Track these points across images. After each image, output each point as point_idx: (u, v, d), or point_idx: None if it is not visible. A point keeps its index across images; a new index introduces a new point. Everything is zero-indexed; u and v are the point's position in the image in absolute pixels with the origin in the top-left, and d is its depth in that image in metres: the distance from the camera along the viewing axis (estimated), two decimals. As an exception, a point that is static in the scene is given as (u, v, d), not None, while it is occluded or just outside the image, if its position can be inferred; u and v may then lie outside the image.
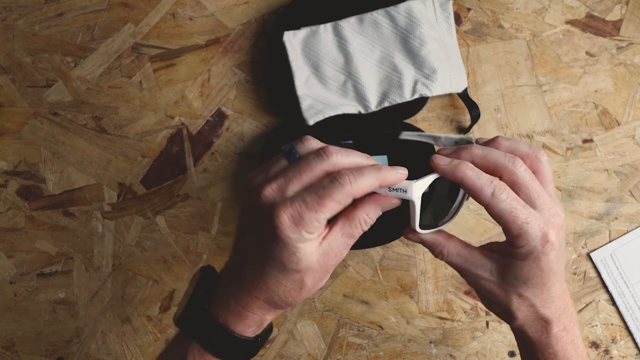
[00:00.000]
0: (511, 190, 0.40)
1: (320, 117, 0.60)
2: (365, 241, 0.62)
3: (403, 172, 0.39)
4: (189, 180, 0.64)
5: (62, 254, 0.64)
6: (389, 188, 0.40)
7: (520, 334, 0.45)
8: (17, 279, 0.64)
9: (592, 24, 0.64)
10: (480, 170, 0.40)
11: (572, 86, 0.64)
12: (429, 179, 0.41)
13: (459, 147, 0.43)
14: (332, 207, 0.36)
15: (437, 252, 0.45)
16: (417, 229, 0.43)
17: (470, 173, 0.40)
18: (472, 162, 0.41)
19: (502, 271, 0.42)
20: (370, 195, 0.40)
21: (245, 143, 0.64)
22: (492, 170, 0.41)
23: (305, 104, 0.60)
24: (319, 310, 0.63)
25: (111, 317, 0.64)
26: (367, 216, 0.39)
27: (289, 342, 0.63)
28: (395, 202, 0.41)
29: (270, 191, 0.37)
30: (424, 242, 0.45)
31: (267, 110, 0.65)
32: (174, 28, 0.65)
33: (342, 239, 0.38)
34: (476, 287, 0.44)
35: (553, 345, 0.43)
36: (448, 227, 0.47)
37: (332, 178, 0.36)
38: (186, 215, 0.64)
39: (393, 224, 0.62)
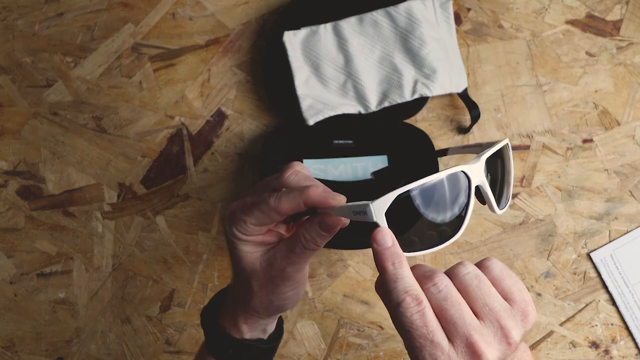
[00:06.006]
0: (428, 311, 0.33)
1: (320, 117, 0.60)
2: (366, 241, 0.62)
3: (337, 197, 0.38)
4: (189, 180, 0.64)
5: (62, 254, 0.64)
6: (354, 212, 0.36)
7: None
8: (17, 279, 0.64)
9: (592, 24, 0.64)
10: (409, 275, 0.34)
11: (572, 86, 0.64)
12: (390, 197, 0.34)
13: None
14: (257, 215, 0.40)
15: None
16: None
17: (391, 269, 0.34)
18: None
19: None
20: (315, 214, 0.40)
21: (245, 143, 0.64)
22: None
23: (305, 104, 0.60)
24: (319, 310, 0.63)
25: (111, 317, 0.64)
26: (306, 232, 0.40)
27: (289, 342, 0.63)
28: (344, 222, 0.39)
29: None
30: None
31: (267, 110, 0.65)
32: (174, 28, 0.65)
33: (285, 251, 0.41)
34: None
35: None
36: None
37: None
38: (186, 215, 0.64)
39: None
